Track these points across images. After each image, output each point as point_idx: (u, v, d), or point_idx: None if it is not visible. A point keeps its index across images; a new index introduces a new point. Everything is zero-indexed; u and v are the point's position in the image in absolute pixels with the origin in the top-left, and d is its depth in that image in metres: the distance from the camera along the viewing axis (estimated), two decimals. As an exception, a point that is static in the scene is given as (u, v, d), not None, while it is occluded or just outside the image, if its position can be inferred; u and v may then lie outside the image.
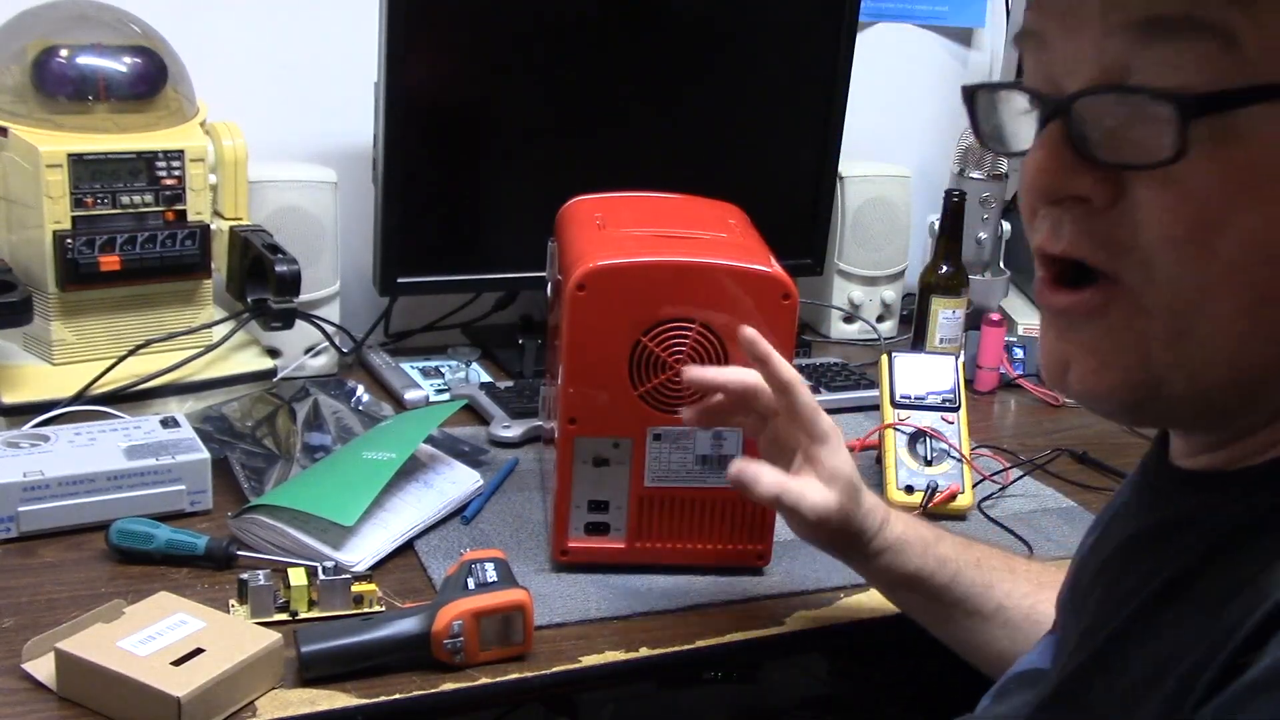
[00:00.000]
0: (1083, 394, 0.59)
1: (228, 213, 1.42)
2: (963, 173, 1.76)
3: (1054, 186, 0.56)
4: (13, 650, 0.92)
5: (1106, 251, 0.55)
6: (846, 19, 1.66)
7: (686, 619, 1.06)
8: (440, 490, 1.20)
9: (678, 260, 1.04)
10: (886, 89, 1.94)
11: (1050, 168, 0.56)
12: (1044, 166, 0.56)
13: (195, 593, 1.01)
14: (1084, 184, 0.55)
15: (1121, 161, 0.54)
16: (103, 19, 1.38)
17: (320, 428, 1.27)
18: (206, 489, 1.16)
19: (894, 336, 1.87)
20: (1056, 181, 0.56)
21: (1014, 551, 1.04)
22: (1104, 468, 1.43)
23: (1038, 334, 1.73)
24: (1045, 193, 0.57)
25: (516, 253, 1.56)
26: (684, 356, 1.04)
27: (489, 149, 1.54)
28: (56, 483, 1.10)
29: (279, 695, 0.91)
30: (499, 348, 1.65)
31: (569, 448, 1.07)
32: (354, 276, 1.62)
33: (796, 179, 1.72)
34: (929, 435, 1.31)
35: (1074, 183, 0.55)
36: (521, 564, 1.10)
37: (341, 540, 1.08)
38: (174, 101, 1.39)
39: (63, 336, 1.35)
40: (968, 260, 1.70)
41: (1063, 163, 0.55)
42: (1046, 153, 0.56)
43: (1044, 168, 0.56)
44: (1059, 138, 0.55)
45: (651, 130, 1.61)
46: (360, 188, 1.57)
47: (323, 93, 1.62)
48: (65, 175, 1.28)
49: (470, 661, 0.95)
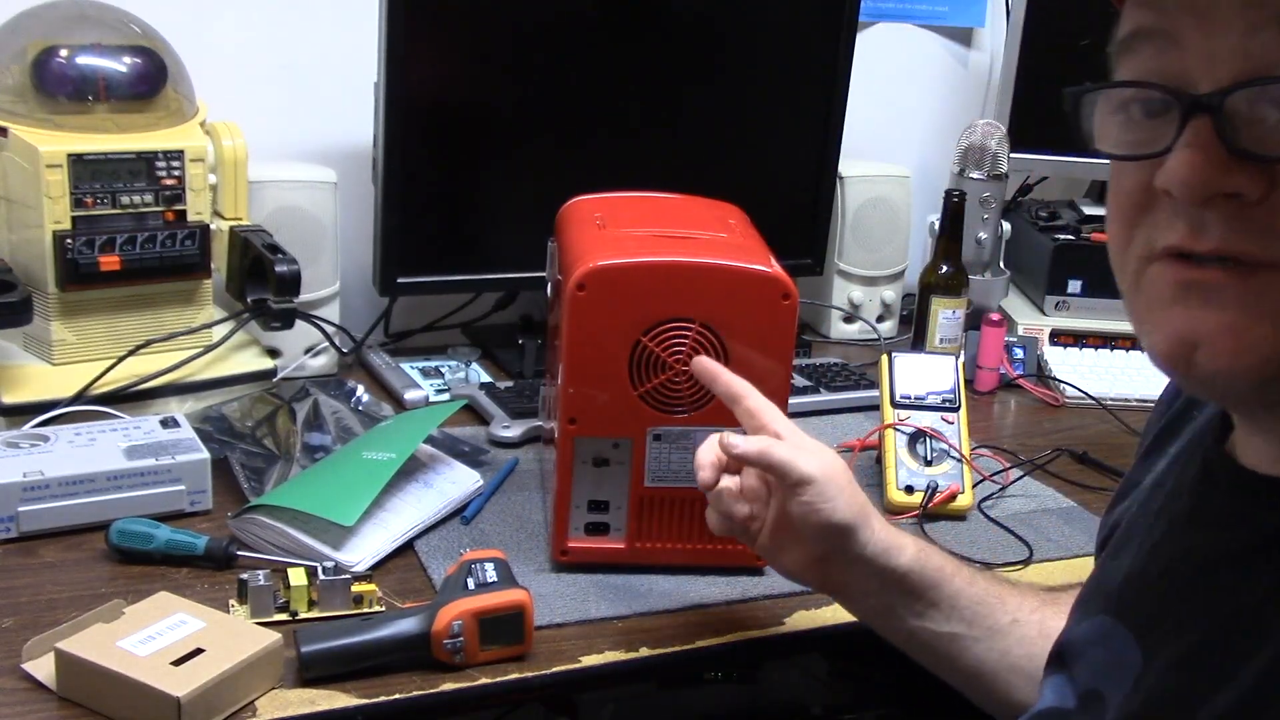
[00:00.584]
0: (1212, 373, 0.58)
1: (228, 213, 1.42)
2: (963, 173, 1.76)
3: (1209, 184, 0.55)
4: (13, 650, 0.92)
5: (1264, 243, 0.55)
6: (846, 19, 1.66)
7: (686, 619, 1.06)
8: (440, 490, 1.20)
9: (678, 260, 1.04)
10: (886, 89, 1.94)
11: (1204, 166, 0.55)
12: (1198, 165, 0.55)
13: (195, 593, 1.01)
14: (1239, 180, 0.55)
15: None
16: (103, 19, 1.38)
17: (320, 428, 1.27)
18: (206, 489, 1.16)
19: (894, 336, 1.87)
20: (1212, 179, 0.55)
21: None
22: (1104, 468, 1.43)
23: (1037, 334, 1.74)
24: (1199, 191, 0.55)
25: (516, 253, 1.56)
26: (684, 356, 1.04)
27: (489, 149, 1.54)
28: (56, 483, 1.10)
29: (279, 695, 0.91)
30: (499, 348, 1.65)
31: (569, 448, 1.07)
32: (354, 276, 1.62)
33: (796, 179, 1.72)
34: (929, 435, 1.31)
35: (1228, 180, 0.55)
36: (521, 564, 1.10)
37: (341, 540, 1.08)
38: (174, 101, 1.39)
39: (63, 336, 1.35)
40: (968, 260, 1.70)
41: (1215, 160, 0.55)
42: (1197, 152, 0.55)
43: (1198, 166, 0.55)
44: (1209, 135, 0.55)
45: (651, 130, 1.61)
46: (360, 188, 1.57)
47: (323, 93, 1.62)
48: (65, 175, 1.28)
49: (470, 661, 0.95)
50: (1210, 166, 0.55)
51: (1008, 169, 1.77)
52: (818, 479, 0.89)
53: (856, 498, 0.91)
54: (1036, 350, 1.73)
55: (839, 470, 0.91)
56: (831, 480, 0.90)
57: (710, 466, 0.94)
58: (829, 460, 0.91)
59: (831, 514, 0.89)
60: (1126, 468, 1.43)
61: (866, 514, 0.91)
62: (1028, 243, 1.87)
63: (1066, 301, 1.80)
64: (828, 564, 0.93)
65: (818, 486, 0.89)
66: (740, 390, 0.97)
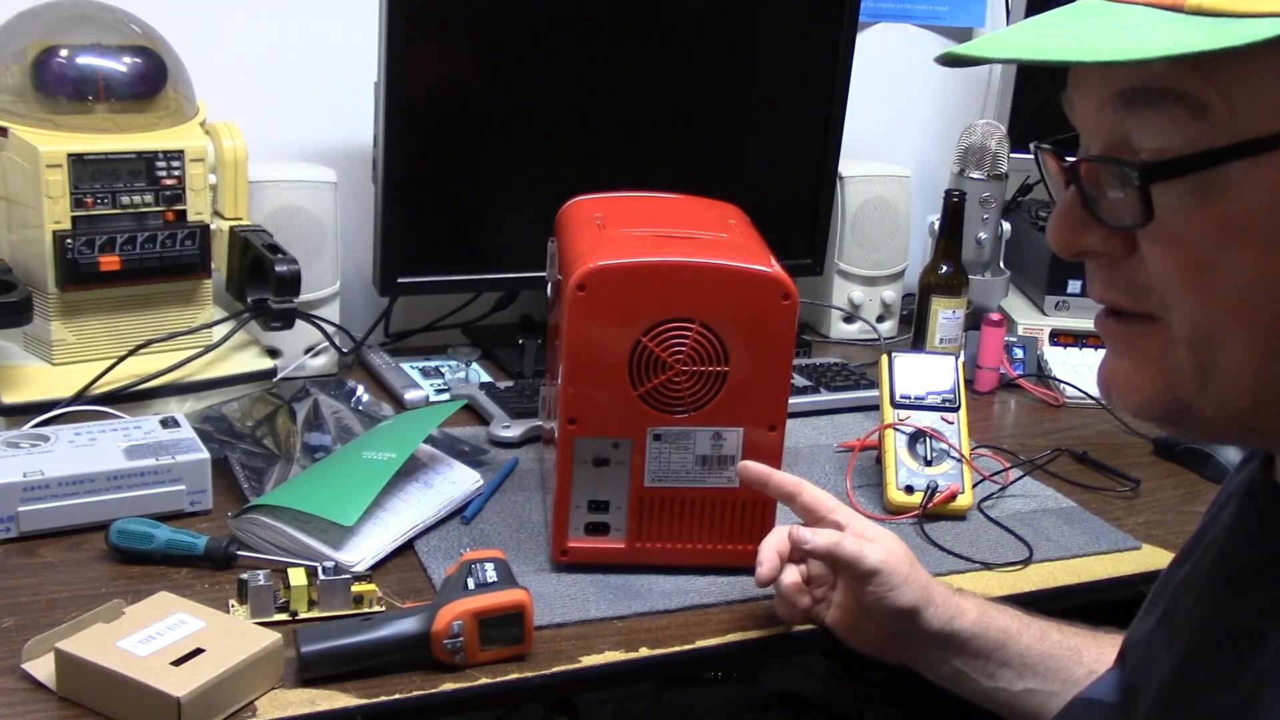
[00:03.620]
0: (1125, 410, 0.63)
1: (228, 213, 1.42)
2: (963, 173, 1.76)
3: (1068, 244, 0.61)
4: (13, 650, 0.92)
5: (1131, 296, 0.60)
6: (846, 19, 1.66)
7: (686, 619, 1.06)
8: (440, 490, 1.20)
9: (678, 260, 1.04)
10: (886, 89, 1.94)
11: (1063, 226, 0.61)
12: (1058, 225, 0.61)
13: (195, 593, 1.01)
14: (1095, 240, 0.60)
15: (1114, 222, 0.59)
16: (103, 19, 1.38)
17: (320, 428, 1.27)
18: (206, 489, 1.16)
19: (894, 336, 1.87)
20: (1068, 238, 0.61)
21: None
22: (1104, 468, 1.43)
23: (1037, 334, 1.74)
24: (1061, 248, 0.61)
25: (516, 253, 1.56)
26: (684, 356, 1.04)
27: (489, 149, 1.54)
28: (56, 483, 1.10)
29: (279, 695, 0.91)
30: (499, 348, 1.65)
31: (569, 448, 1.07)
32: (354, 276, 1.62)
33: (796, 179, 1.72)
34: (929, 435, 1.31)
35: (1086, 240, 0.60)
36: (521, 564, 1.10)
37: (341, 540, 1.08)
38: (174, 101, 1.39)
39: (63, 336, 1.35)
40: (968, 260, 1.70)
41: (1074, 222, 0.60)
42: (1061, 212, 0.61)
43: (1058, 226, 0.61)
44: (1073, 198, 0.60)
45: (651, 130, 1.61)
46: (360, 188, 1.57)
47: (323, 93, 1.62)
48: (65, 175, 1.28)
49: (470, 661, 0.95)
50: (1069, 229, 0.61)
51: (1008, 169, 1.77)
52: (883, 569, 0.95)
53: (919, 578, 0.97)
54: (1036, 350, 1.73)
55: (902, 556, 0.97)
56: (896, 569, 0.95)
57: (769, 562, 0.99)
58: (892, 547, 0.98)
59: (897, 600, 0.95)
60: (1126, 468, 1.44)
61: (929, 593, 0.96)
62: (1028, 243, 1.87)
63: (1066, 301, 1.80)
64: (897, 641, 0.99)
65: (884, 576, 0.95)
66: (794, 488, 1.04)
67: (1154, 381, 0.60)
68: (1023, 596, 1.15)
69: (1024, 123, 1.82)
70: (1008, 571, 1.18)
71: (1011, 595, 1.14)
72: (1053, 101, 0.63)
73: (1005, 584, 1.16)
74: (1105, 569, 1.21)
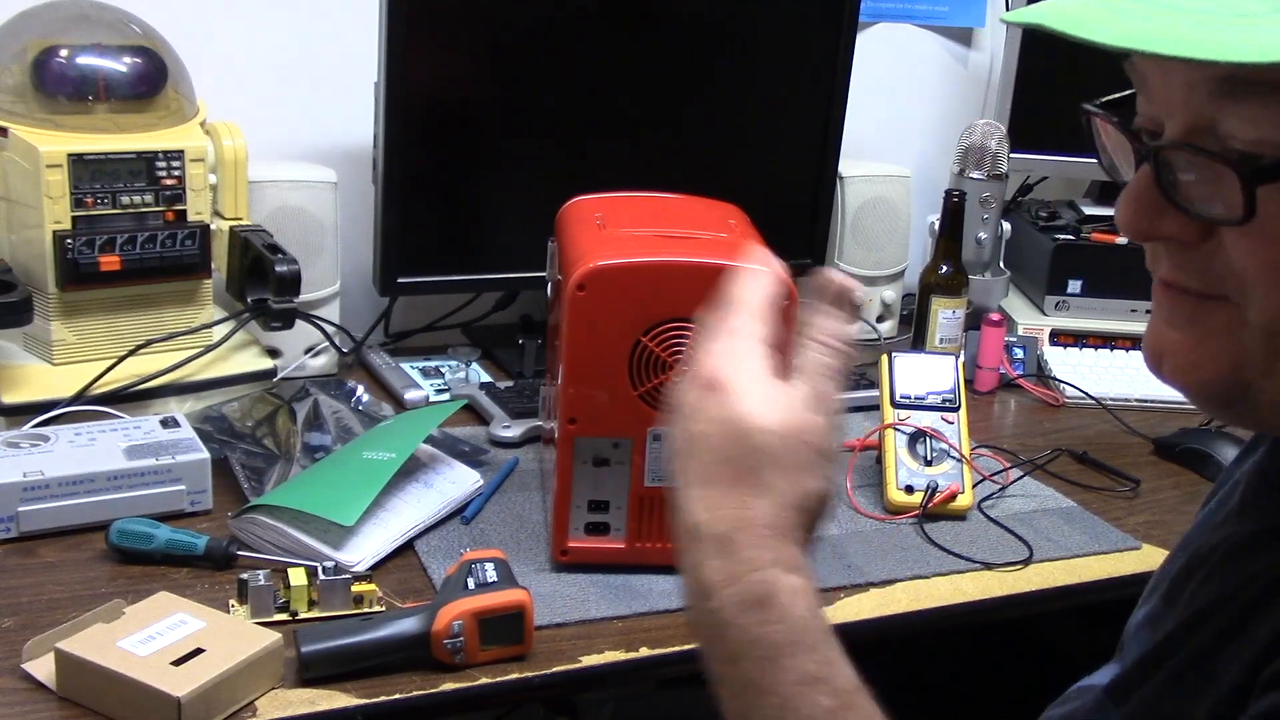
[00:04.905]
0: (1176, 385, 0.61)
1: (228, 213, 1.42)
2: (963, 173, 1.76)
3: (1142, 229, 0.58)
4: (13, 650, 0.92)
5: (1203, 281, 0.58)
6: (846, 19, 1.66)
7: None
8: (440, 490, 1.20)
9: (678, 260, 1.04)
10: (886, 89, 1.94)
11: (1139, 212, 0.58)
12: (1133, 210, 0.58)
13: (195, 593, 1.01)
14: (1171, 226, 0.57)
15: (1201, 214, 0.56)
16: (103, 19, 1.38)
17: (320, 428, 1.27)
18: (206, 489, 1.16)
19: (894, 336, 1.87)
20: (1143, 224, 0.58)
21: None
22: (1104, 468, 1.43)
23: (1037, 334, 1.74)
24: (1134, 233, 0.59)
25: (516, 253, 1.56)
26: (684, 356, 1.04)
27: (489, 149, 1.54)
28: (56, 483, 1.10)
29: (279, 695, 0.91)
30: (499, 348, 1.65)
31: (569, 448, 1.07)
32: (354, 276, 1.62)
33: (796, 179, 1.72)
34: (929, 435, 1.31)
35: (1161, 225, 0.57)
36: (521, 564, 1.10)
37: (341, 540, 1.08)
38: (174, 101, 1.39)
39: (63, 336, 1.35)
40: (968, 260, 1.70)
41: (1149, 206, 0.57)
42: (1134, 195, 0.58)
43: (1134, 211, 0.58)
44: (1148, 182, 0.57)
45: (652, 130, 1.61)
46: (360, 188, 1.57)
47: (323, 93, 1.62)
48: (65, 175, 1.28)
49: (470, 661, 0.95)
50: (1143, 212, 0.57)
51: (1008, 169, 1.77)
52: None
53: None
54: (1036, 350, 1.73)
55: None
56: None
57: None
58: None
59: None
60: (1126, 468, 1.44)
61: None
62: (1028, 243, 1.87)
63: (1066, 301, 1.79)
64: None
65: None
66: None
67: (1216, 359, 0.58)
68: (1023, 596, 1.15)
69: (1024, 123, 1.82)
70: (1008, 571, 1.18)
71: (1011, 595, 1.15)
72: (1052, 102, 0.63)
73: (1005, 584, 1.16)
74: (1105, 569, 1.21)
